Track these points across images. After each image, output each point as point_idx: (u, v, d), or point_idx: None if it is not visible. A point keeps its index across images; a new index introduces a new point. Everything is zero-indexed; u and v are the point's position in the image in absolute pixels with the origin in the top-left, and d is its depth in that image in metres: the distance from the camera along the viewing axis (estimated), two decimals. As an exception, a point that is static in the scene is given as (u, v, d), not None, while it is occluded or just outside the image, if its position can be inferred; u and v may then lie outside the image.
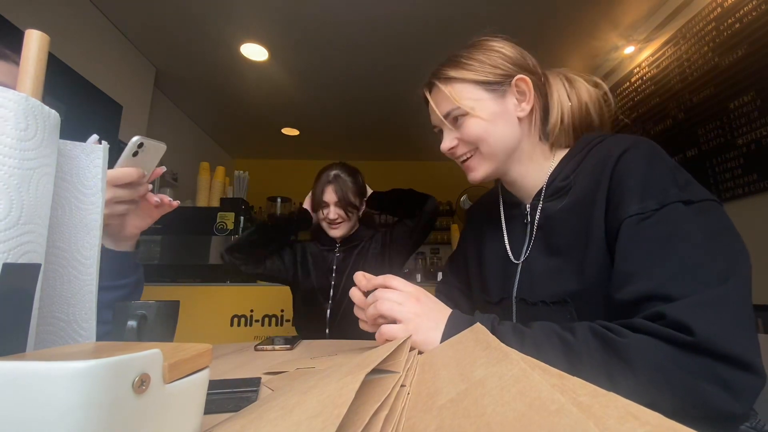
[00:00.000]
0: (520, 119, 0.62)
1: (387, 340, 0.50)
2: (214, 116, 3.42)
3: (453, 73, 0.62)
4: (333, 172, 1.22)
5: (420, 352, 0.44)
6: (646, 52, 2.34)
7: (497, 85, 0.61)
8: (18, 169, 0.26)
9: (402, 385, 0.25)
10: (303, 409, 0.21)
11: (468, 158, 0.64)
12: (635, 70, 2.42)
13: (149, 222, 0.64)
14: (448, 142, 0.64)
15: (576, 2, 2.08)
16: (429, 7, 2.09)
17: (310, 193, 1.26)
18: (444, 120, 0.62)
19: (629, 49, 2.44)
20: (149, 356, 0.19)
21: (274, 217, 1.36)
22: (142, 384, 0.18)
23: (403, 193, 1.26)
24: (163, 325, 0.48)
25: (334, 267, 1.23)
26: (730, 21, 1.78)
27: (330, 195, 1.19)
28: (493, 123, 0.60)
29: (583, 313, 0.50)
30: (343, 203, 1.19)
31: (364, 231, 1.29)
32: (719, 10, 1.84)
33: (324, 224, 1.23)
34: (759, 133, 1.62)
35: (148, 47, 2.45)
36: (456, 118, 0.62)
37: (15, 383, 0.16)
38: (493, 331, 0.45)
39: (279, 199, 3.69)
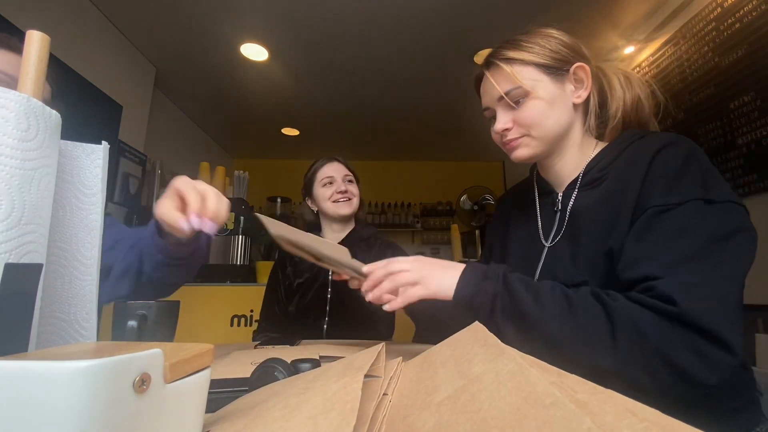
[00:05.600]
0: (575, 106, 0.64)
1: (409, 303, 0.57)
2: (214, 116, 3.42)
3: (514, 54, 0.62)
4: (328, 157, 1.22)
5: (414, 356, 0.44)
6: (646, 52, 2.34)
7: (556, 69, 0.62)
8: (19, 170, 0.26)
9: (384, 394, 0.25)
10: (310, 406, 0.22)
11: (517, 138, 0.64)
12: (635, 70, 2.42)
13: None
14: (502, 123, 0.64)
15: (576, 2, 2.08)
16: (429, 7, 2.09)
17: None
18: (504, 97, 0.62)
19: (629, 49, 2.43)
20: (150, 356, 0.19)
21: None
22: (142, 384, 0.18)
23: None
24: (163, 325, 0.48)
25: (330, 279, 1.14)
26: (730, 21, 1.78)
27: (334, 169, 1.17)
28: (551, 106, 0.61)
29: None
30: (348, 177, 1.18)
31: (361, 230, 1.23)
32: (719, 10, 1.84)
33: (329, 205, 1.15)
34: (759, 133, 1.62)
35: (148, 47, 2.45)
36: (514, 99, 0.62)
37: (17, 383, 0.16)
38: (504, 278, 0.52)
39: (279, 199, 3.69)
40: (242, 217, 2.20)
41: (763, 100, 1.61)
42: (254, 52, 2.46)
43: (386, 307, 0.58)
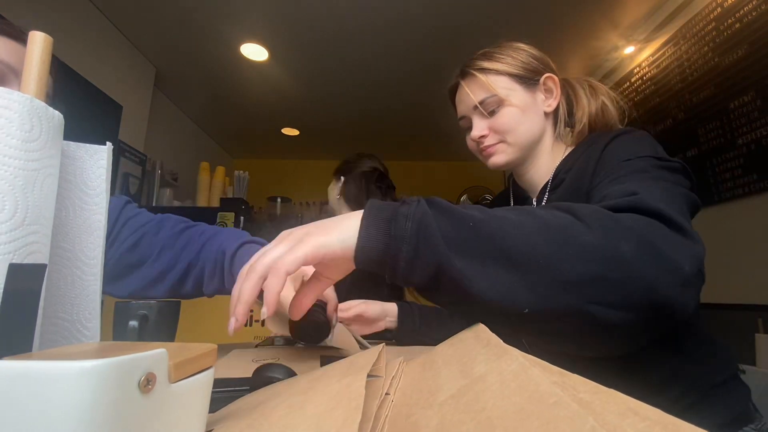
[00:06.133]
0: (546, 114, 0.68)
1: (287, 273, 0.35)
2: (214, 116, 3.42)
3: (487, 64, 0.66)
4: None
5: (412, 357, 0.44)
6: (646, 52, 2.34)
7: (528, 79, 0.66)
8: (23, 170, 0.27)
9: (386, 393, 0.25)
10: (314, 405, 0.22)
11: (493, 144, 0.67)
12: (635, 70, 2.42)
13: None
14: (478, 131, 0.67)
15: (576, 3, 2.08)
16: (428, 8, 2.09)
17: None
18: (479, 107, 0.66)
19: (629, 49, 2.44)
20: (155, 355, 0.19)
21: None
22: (148, 383, 0.18)
23: None
24: (163, 325, 0.48)
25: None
26: (730, 21, 1.78)
27: None
28: (525, 113, 0.65)
29: None
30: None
31: None
32: (719, 10, 1.84)
33: None
34: (759, 133, 1.62)
35: (148, 47, 2.45)
36: (489, 107, 0.65)
37: (22, 383, 0.16)
38: (426, 199, 0.36)
39: (279, 199, 3.69)
40: (242, 218, 2.20)
41: (763, 100, 1.61)
42: (254, 52, 2.46)
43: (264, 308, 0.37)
